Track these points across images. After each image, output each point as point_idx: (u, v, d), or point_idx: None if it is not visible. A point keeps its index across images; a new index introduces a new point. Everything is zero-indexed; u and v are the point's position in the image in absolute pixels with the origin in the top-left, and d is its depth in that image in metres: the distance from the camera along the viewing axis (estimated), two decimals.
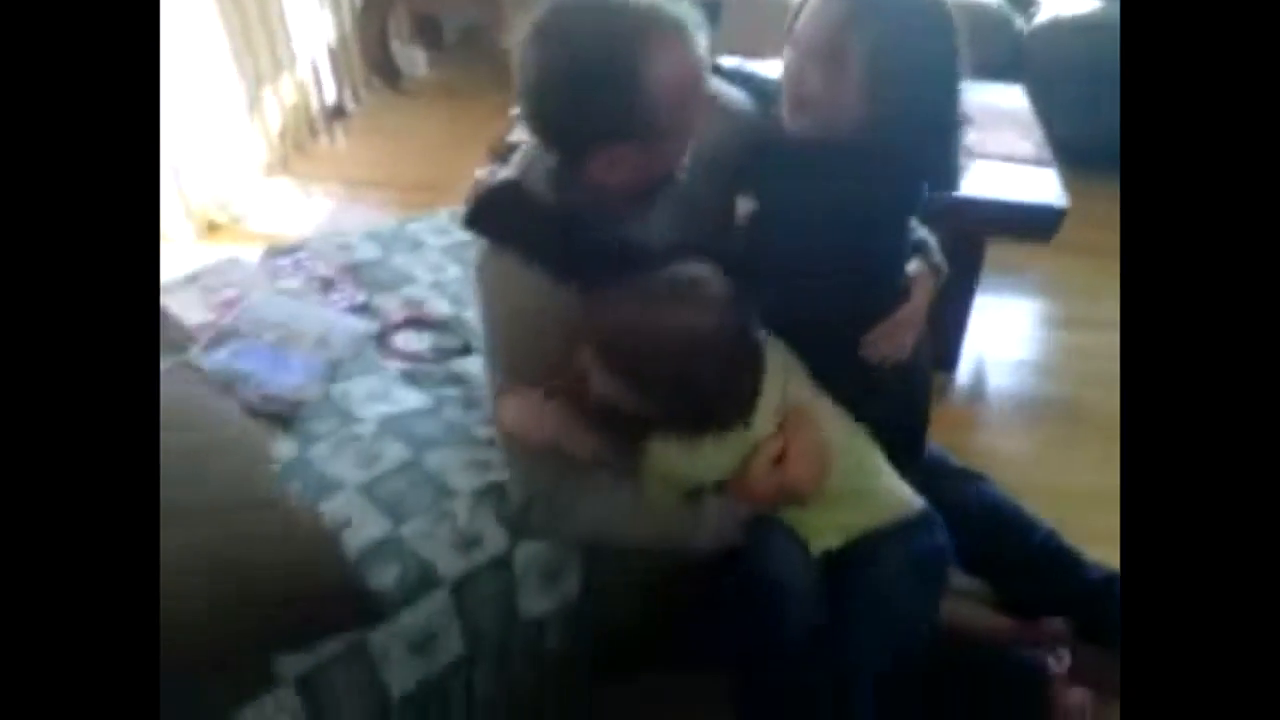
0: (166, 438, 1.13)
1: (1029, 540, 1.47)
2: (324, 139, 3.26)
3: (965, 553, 1.48)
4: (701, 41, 1.02)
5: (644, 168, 1.06)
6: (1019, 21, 2.90)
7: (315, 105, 3.25)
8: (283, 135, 3.06)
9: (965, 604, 1.48)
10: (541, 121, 1.05)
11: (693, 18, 1.02)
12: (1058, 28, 2.86)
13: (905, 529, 1.18)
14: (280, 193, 2.90)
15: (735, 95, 1.23)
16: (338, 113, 3.35)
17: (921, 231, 1.30)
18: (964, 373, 2.18)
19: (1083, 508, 1.59)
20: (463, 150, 3.05)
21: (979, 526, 1.46)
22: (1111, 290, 2.45)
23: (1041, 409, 2.13)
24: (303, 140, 3.17)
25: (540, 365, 1.11)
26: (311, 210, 2.82)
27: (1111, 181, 1.89)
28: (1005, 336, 2.33)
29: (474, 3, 3.36)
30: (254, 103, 2.89)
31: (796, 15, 1.12)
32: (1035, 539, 1.47)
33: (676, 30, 1.00)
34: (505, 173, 1.18)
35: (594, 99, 0.99)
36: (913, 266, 1.23)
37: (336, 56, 3.35)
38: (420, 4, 3.59)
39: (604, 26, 0.98)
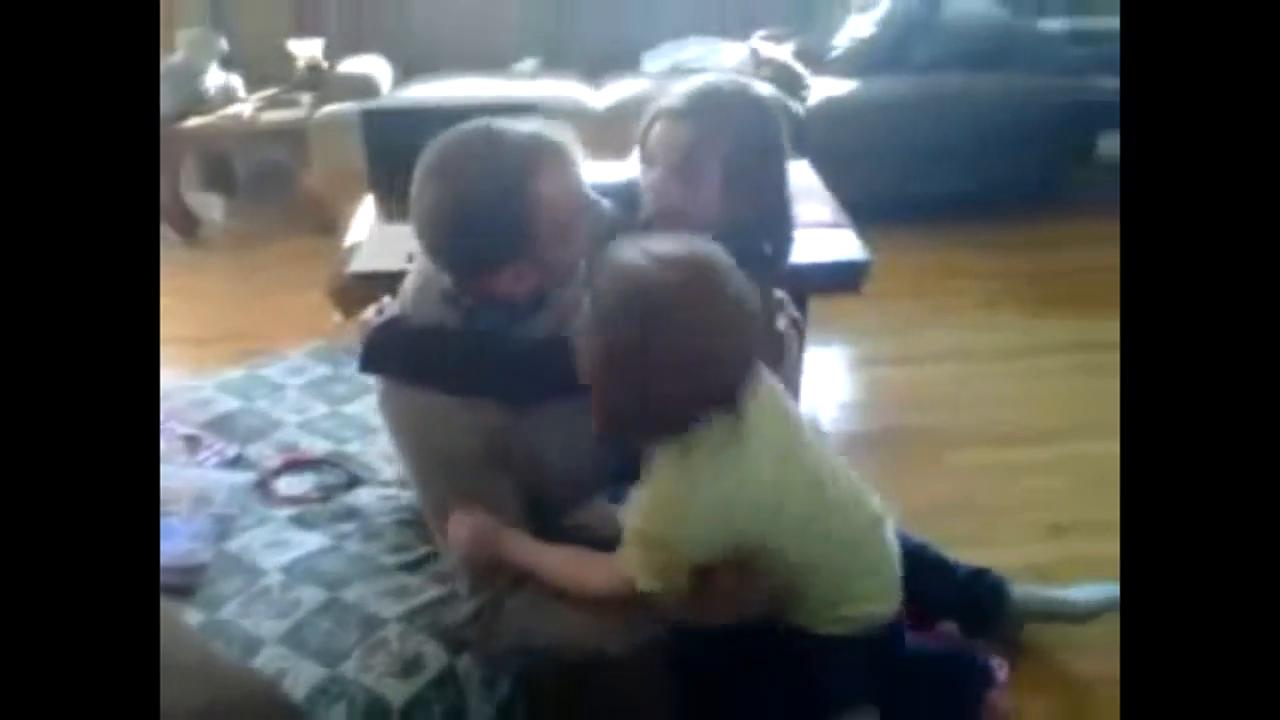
0: None
1: (905, 546, 1.63)
2: None
3: None
4: (579, 156, 1.13)
5: (544, 276, 1.14)
6: (794, 105, 3.26)
7: None
8: None
9: None
10: (443, 253, 1.11)
11: (569, 137, 1.13)
12: (829, 107, 3.26)
13: None
14: None
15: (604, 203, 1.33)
16: None
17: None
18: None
19: (925, 520, 1.77)
20: (268, 297, 3.02)
21: None
22: (905, 328, 2.78)
23: (871, 439, 2.34)
24: None
25: (464, 485, 1.15)
26: None
27: (888, 235, 2.17)
28: (828, 381, 2.56)
29: (273, 142, 3.36)
30: None
31: (646, 134, 1.26)
32: (910, 545, 1.62)
33: (558, 154, 1.10)
34: (391, 308, 1.23)
35: (491, 228, 1.06)
36: (781, 324, 1.37)
37: None
38: (214, 148, 3.55)
39: (491, 160, 1.07)
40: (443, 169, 1.08)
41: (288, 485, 1.51)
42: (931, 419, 2.36)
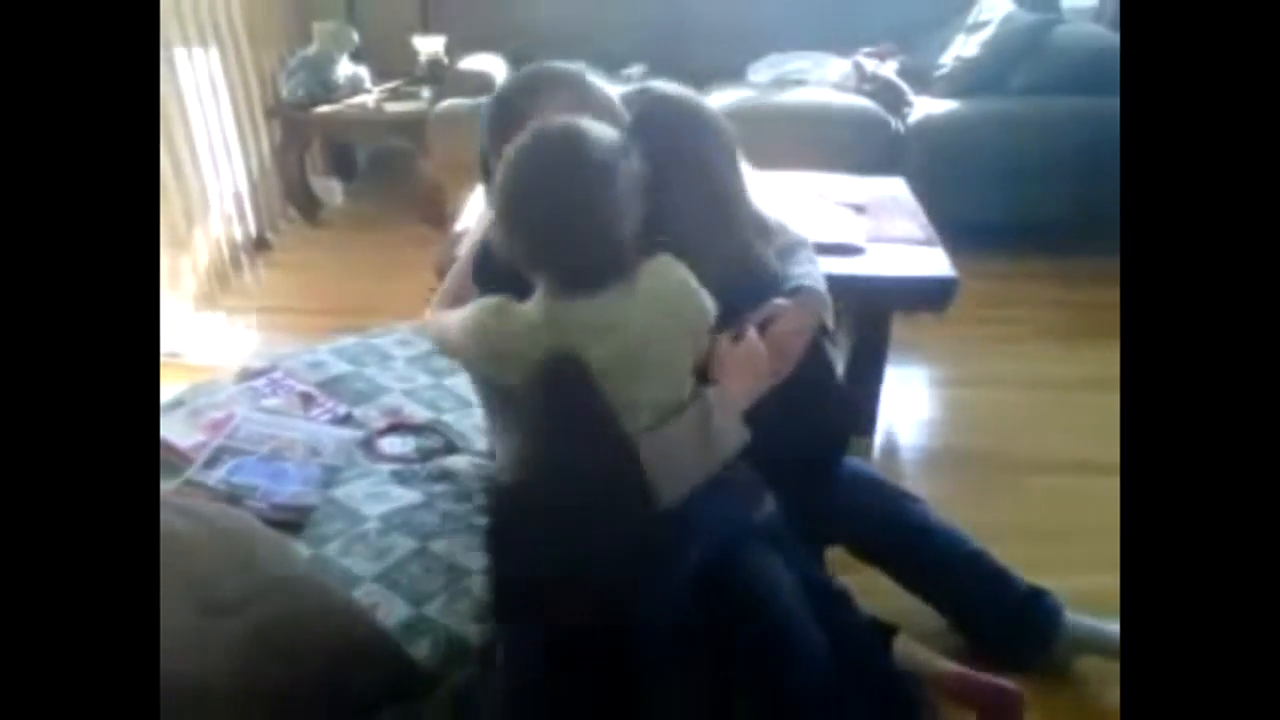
0: (198, 533, 1.23)
1: (961, 551, 1.66)
2: (247, 273, 3.35)
3: (906, 562, 1.68)
4: None
5: None
6: (895, 122, 3.30)
7: (238, 240, 3.35)
8: (208, 271, 3.15)
9: (919, 649, 1.63)
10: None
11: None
12: (930, 125, 3.27)
13: None
14: (212, 327, 2.97)
15: None
16: (260, 246, 3.45)
17: (806, 280, 1.43)
18: (879, 434, 2.41)
19: (998, 539, 1.80)
20: (381, 276, 3.21)
21: (919, 538, 1.66)
22: (991, 352, 2.79)
23: (948, 457, 2.37)
24: (227, 275, 3.26)
25: None
26: (243, 341, 2.90)
27: (979, 259, 2.20)
28: (909, 400, 2.59)
29: (393, 132, 3.55)
30: (179, 241, 2.98)
31: None
32: (968, 551, 1.67)
33: None
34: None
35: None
36: (776, 303, 1.36)
37: (256, 192, 3.48)
38: (340, 134, 3.76)
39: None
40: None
41: (390, 445, 1.64)
42: (1007, 443, 2.37)
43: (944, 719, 1.51)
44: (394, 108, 3.49)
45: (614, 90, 1.36)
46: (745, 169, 1.44)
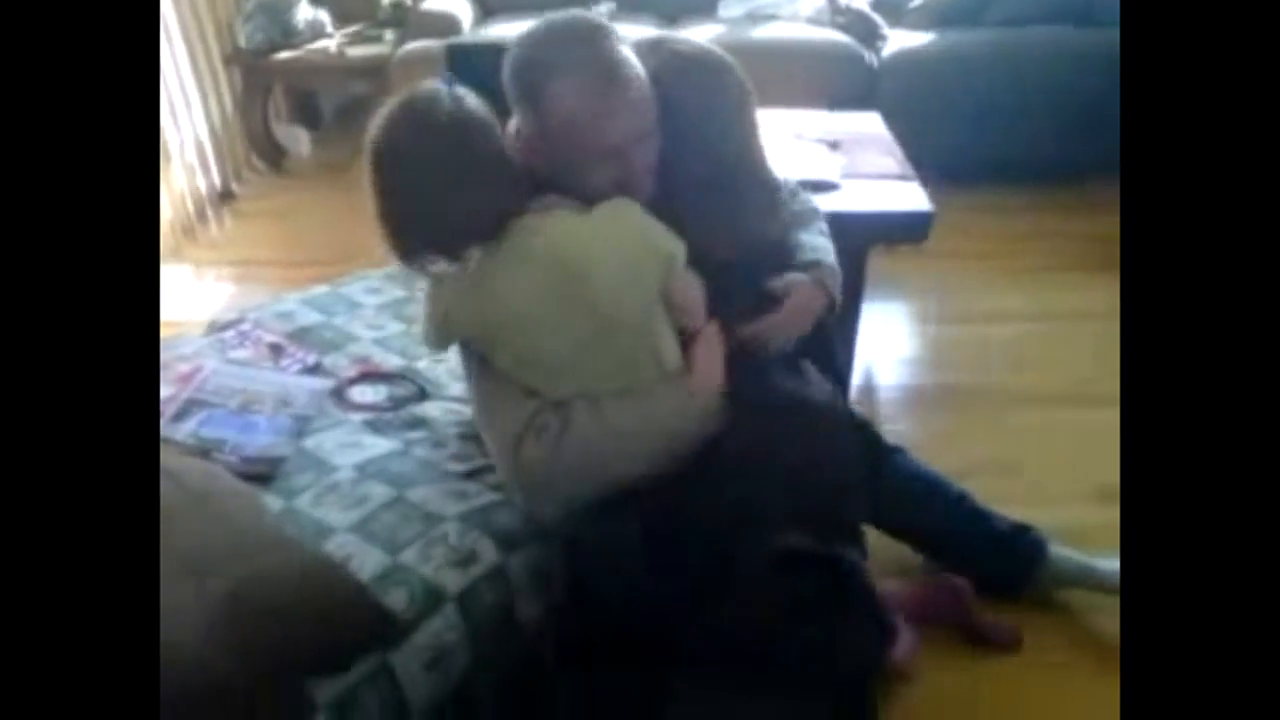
0: (171, 492, 1.21)
1: (943, 499, 1.67)
2: (213, 225, 3.28)
3: (889, 515, 1.69)
4: None
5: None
6: (868, 56, 3.24)
7: (203, 191, 3.27)
8: (172, 224, 3.08)
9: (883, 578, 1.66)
10: None
11: None
12: (905, 59, 3.21)
13: None
14: (179, 280, 2.91)
15: None
16: (225, 197, 3.38)
17: (822, 255, 1.45)
18: (858, 372, 2.41)
19: (980, 475, 1.81)
20: (350, 224, 3.13)
21: (899, 492, 1.66)
22: (970, 287, 2.78)
23: (929, 395, 2.37)
24: (192, 227, 3.19)
25: None
26: (212, 294, 2.85)
27: (957, 193, 2.18)
28: (889, 337, 2.59)
29: (357, 77, 3.46)
30: None
31: None
32: (949, 497, 1.67)
33: None
34: None
35: None
36: (794, 277, 1.38)
37: (219, 142, 3.40)
38: (302, 81, 3.67)
39: None
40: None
41: (361, 394, 1.62)
42: (992, 378, 2.38)
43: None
44: (357, 52, 3.41)
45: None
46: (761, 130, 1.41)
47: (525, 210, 1.22)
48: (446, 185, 1.17)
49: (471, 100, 1.22)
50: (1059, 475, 2.03)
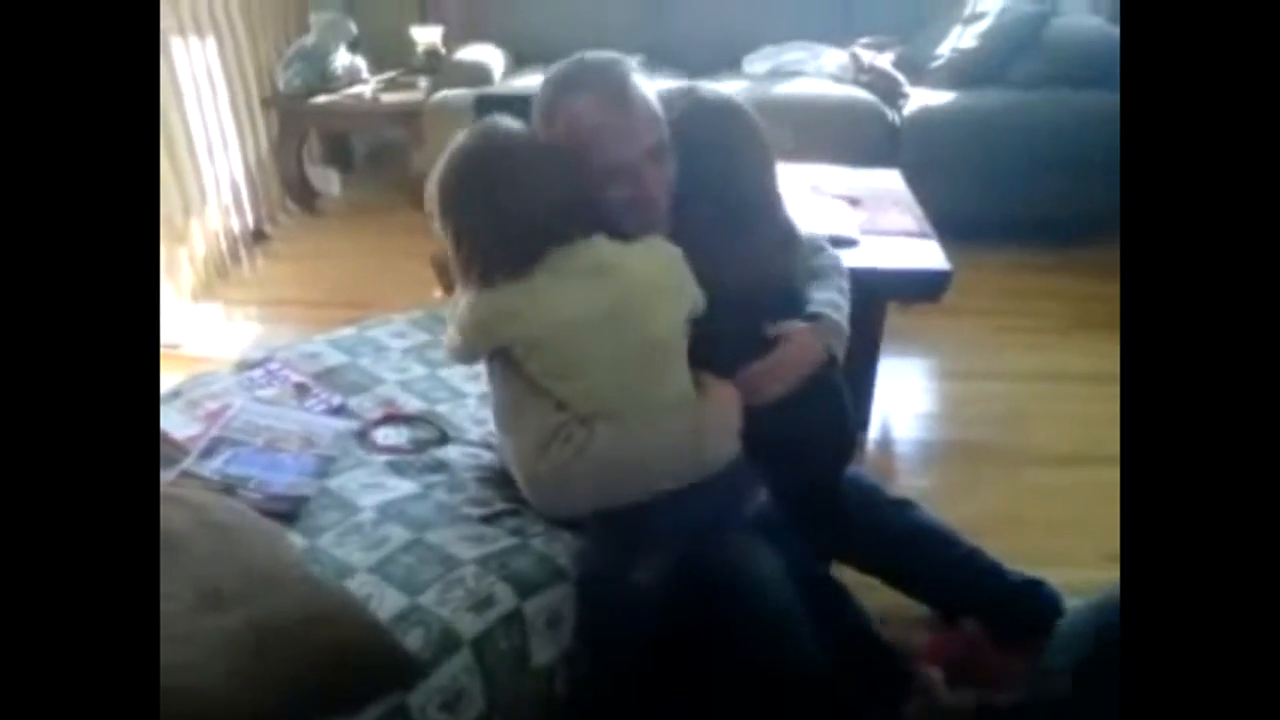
0: (193, 527, 1.24)
1: (955, 553, 1.67)
2: (245, 264, 3.36)
3: (901, 568, 1.69)
4: None
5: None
6: (890, 114, 3.29)
7: (236, 231, 3.36)
8: (206, 262, 3.15)
9: (899, 629, 1.66)
10: None
11: None
12: (926, 117, 3.27)
13: None
14: (210, 318, 2.97)
15: None
16: (258, 236, 3.46)
17: (828, 310, 1.47)
18: (875, 427, 2.42)
19: (990, 532, 1.81)
20: (379, 266, 3.22)
21: (911, 544, 1.66)
22: (987, 344, 2.80)
23: (944, 450, 2.38)
24: (225, 266, 3.26)
25: None
26: (241, 332, 2.91)
27: (976, 251, 2.21)
28: (906, 392, 2.60)
29: (390, 122, 3.55)
30: (176, 232, 2.98)
31: None
32: (961, 551, 1.68)
33: None
34: None
35: None
36: (790, 325, 1.40)
37: (253, 182, 3.49)
38: (336, 125, 3.76)
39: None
40: None
41: (385, 436, 1.65)
42: (1005, 435, 2.38)
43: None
44: (391, 98, 3.50)
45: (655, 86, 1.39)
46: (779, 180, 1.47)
47: (577, 235, 1.30)
48: (536, 193, 1.26)
49: (525, 128, 1.33)
50: (1069, 534, 2.03)
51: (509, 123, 1.32)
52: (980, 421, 2.47)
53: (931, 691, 1.54)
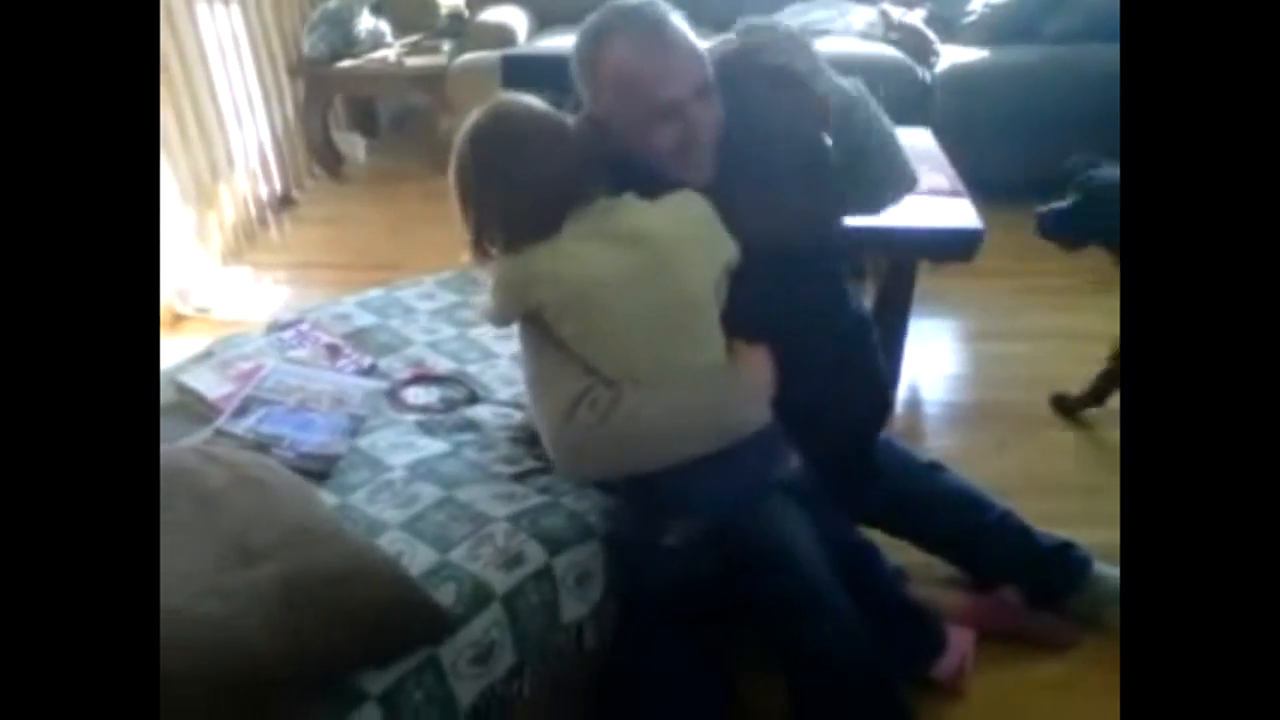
0: (228, 483, 1.26)
1: (987, 517, 1.67)
2: (273, 228, 3.38)
3: (933, 533, 1.70)
4: None
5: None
6: (921, 72, 3.24)
7: (264, 196, 3.37)
8: (235, 227, 3.18)
9: (930, 588, 1.67)
10: None
11: None
12: (958, 75, 3.21)
13: None
14: (239, 282, 3.00)
15: None
16: (285, 202, 3.47)
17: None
18: (903, 387, 2.41)
19: (1019, 493, 1.81)
20: (406, 230, 3.22)
21: (943, 509, 1.66)
22: (1017, 305, 2.76)
23: (972, 412, 2.36)
24: (253, 230, 3.28)
25: None
26: (270, 296, 2.93)
27: (1006, 211, 2.17)
28: (934, 353, 2.58)
29: (415, 86, 3.54)
30: (206, 197, 3.00)
31: None
32: (993, 515, 1.67)
33: None
34: None
35: None
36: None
37: (280, 148, 3.49)
38: (361, 90, 3.75)
39: None
40: None
41: (415, 395, 1.66)
42: (1035, 396, 2.36)
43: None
44: (415, 62, 3.48)
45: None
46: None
47: (597, 195, 1.30)
48: (539, 171, 1.27)
49: (540, 102, 1.32)
50: (1100, 495, 2.01)
51: (519, 97, 1.32)
52: (1008, 383, 2.45)
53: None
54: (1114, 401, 2.28)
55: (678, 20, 1.31)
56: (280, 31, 3.50)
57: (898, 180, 1.46)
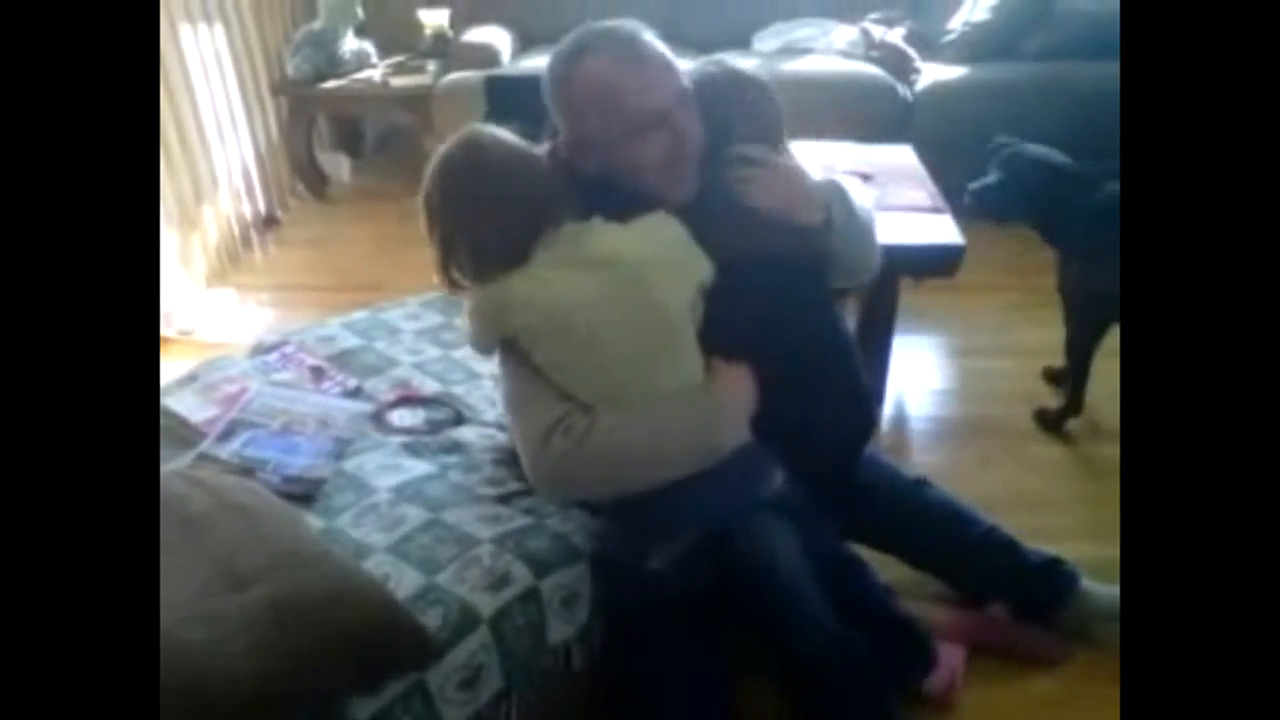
0: (212, 508, 1.25)
1: (973, 532, 1.68)
2: (257, 250, 3.37)
3: (920, 548, 1.70)
4: None
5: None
6: (902, 89, 3.27)
7: (248, 217, 3.36)
8: (218, 249, 3.17)
9: (919, 604, 1.67)
10: None
11: None
12: (939, 92, 3.24)
13: None
14: (223, 304, 2.99)
15: None
16: (269, 222, 3.47)
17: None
18: (889, 404, 2.42)
19: (1005, 509, 1.81)
20: (390, 251, 3.22)
21: (930, 524, 1.67)
22: (1001, 321, 2.78)
23: (958, 427, 2.37)
24: (237, 252, 3.27)
25: None
26: (254, 318, 2.92)
27: (987, 227, 2.19)
28: (919, 369, 2.59)
29: (400, 106, 3.55)
30: (189, 219, 2.99)
31: None
32: (979, 531, 1.68)
33: None
34: None
35: None
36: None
37: (264, 168, 3.49)
38: (346, 110, 3.76)
39: None
40: None
41: (400, 417, 1.66)
42: (1017, 412, 2.37)
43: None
44: (399, 82, 3.49)
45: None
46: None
47: (565, 221, 1.31)
48: (506, 202, 1.28)
49: (508, 134, 1.33)
50: (1083, 510, 2.02)
51: (488, 129, 1.33)
52: (993, 398, 2.46)
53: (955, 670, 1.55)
54: (1098, 414, 2.30)
55: (651, 38, 1.33)
56: (264, 50, 3.50)
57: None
